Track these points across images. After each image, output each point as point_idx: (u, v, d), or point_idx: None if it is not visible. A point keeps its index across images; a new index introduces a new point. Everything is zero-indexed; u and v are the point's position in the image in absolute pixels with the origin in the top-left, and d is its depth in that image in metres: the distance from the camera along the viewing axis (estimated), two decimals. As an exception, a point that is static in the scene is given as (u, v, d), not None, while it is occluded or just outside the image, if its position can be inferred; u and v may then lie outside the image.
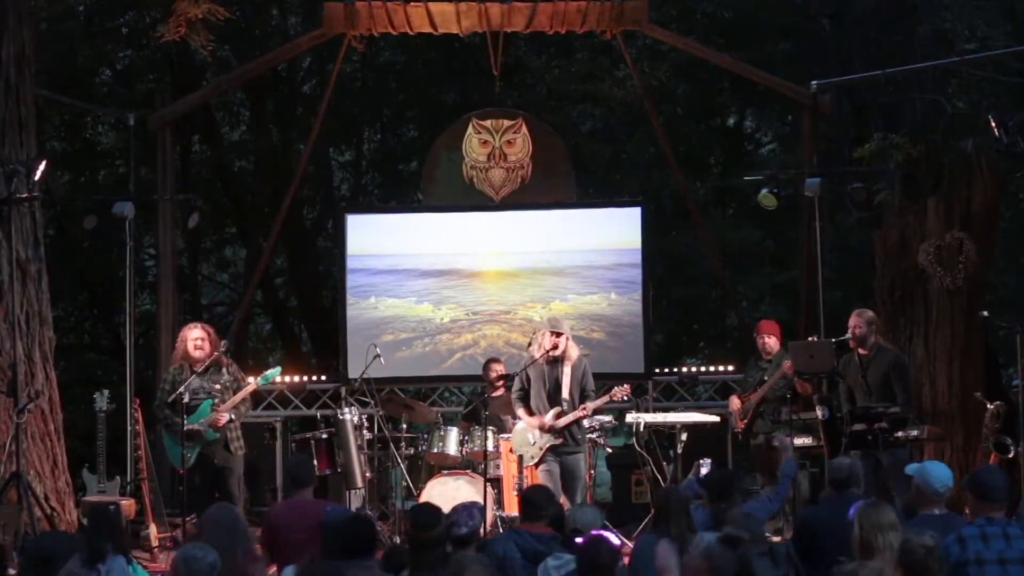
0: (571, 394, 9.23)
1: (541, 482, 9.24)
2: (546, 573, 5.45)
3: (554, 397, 9.25)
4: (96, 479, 9.74)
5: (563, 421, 9.17)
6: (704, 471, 8.01)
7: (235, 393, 9.43)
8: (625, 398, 9.57)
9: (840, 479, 6.64)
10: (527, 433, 9.32)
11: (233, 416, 9.38)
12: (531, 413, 9.30)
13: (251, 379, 9.75)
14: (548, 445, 9.20)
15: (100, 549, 5.87)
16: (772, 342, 10.39)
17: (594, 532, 5.37)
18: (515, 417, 9.62)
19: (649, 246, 12.33)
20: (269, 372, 9.86)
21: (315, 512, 6.62)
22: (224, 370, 9.50)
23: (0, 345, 9.51)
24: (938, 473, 6.24)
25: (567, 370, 9.24)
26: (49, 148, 14.82)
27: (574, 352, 9.34)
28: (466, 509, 6.04)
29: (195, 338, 9.48)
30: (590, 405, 9.25)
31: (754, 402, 10.17)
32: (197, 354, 9.44)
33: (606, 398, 9.39)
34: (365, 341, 11.55)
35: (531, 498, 6.54)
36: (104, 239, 14.30)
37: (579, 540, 5.26)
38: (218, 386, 9.40)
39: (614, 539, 5.48)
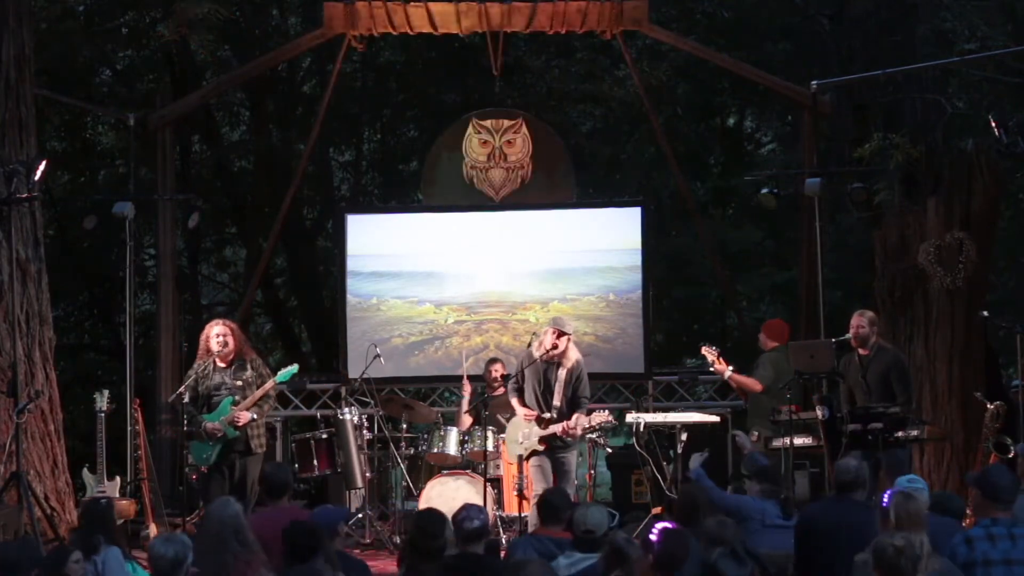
0: (561, 402, 9.01)
1: (531, 476, 9.17)
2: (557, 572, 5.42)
3: (545, 401, 9.08)
4: (96, 479, 9.73)
5: (549, 430, 8.97)
6: (697, 463, 7.97)
7: (257, 389, 9.34)
8: (599, 424, 9.32)
9: (846, 481, 6.62)
10: (518, 430, 9.17)
11: (255, 415, 9.25)
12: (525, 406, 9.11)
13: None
14: (537, 441, 9.03)
15: (92, 542, 5.87)
16: (761, 338, 10.63)
17: (666, 525, 5.38)
18: (513, 414, 9.56)
19: (649, 246, 12.32)
20: (286, 370, 9.66)
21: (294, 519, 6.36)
22: (248, 365, 9.36)
23: (0, 345, 9.51)
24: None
25: (561, 375, 9.03)
26: (49, 148, 14.80)
27: (572, 356, 9.10)
28: (473, 506, 6.01)
29: (217, 334, 9.32)
30: (575, 428, 8.94)
31: None
32: (220, 350, 9.30)
33: (589, 425, 9.07)
34: (368, 342, 11.53)
35: (550, 500, 6.46)
36: (104, 239, 14.31)
37: (654, 534, 5.24)
38: (239, 382, 9.26)
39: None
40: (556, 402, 9.02)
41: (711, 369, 10.59)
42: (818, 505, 7.28)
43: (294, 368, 9.84)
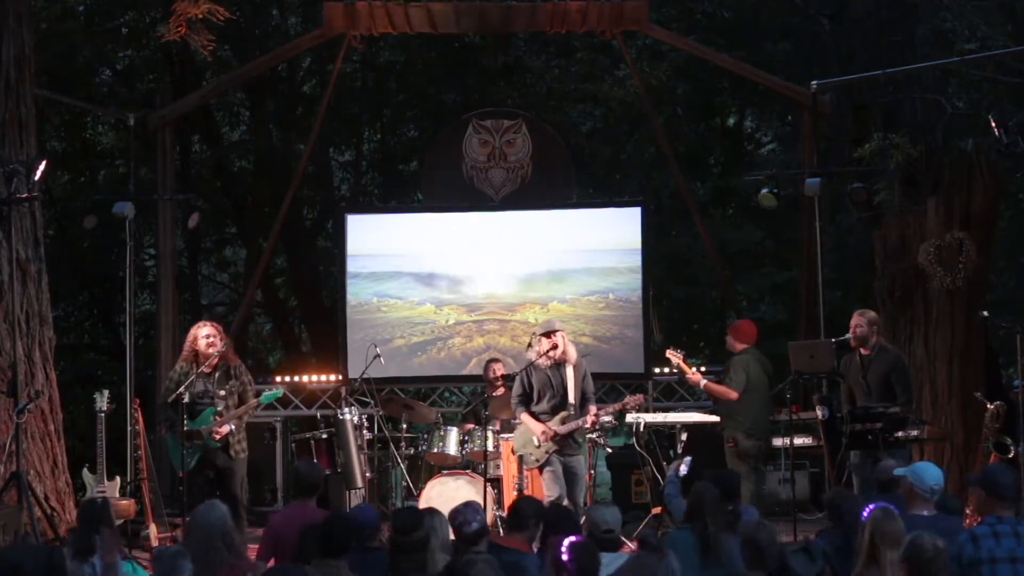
0: (575, 398, 9.08)
1: (545, 483, 9.12)
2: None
3: (562, 401, 9.10)
4: (96, 479, 9.72)
5: (568, 427, 8.98)
6: (683, 469, 7.95)
7: (240, 400, 9.21)
8: (634, 405, 9.46)
9: (885, 480, 6.65)
10: (532, 435, 9.13)
11: (233, 427, 9.16)
12: (534, 417, 9.07)
13: (258, 380, 9.55)
14: (552, 450, 9.03)
15: (89, 543, 5.84)
16: (729, 341, 10.35)
17: (572, 539, 5.29)
18: (513, 419, 9.54)
19: (649, 246, 12.33)
20: (271, 393, 9.60)
21: (319, 520, 6.33)
22: (232, 374, 9.25)
23: (0, 345, 9.50)
24: (929, 472, 6.26)
25: (569, 373, 9.09)
26: (49, 148, 14.81)
27: (573, 353, 9.15)
28: (469, 506, 5.91)
29: (206, 335, 9.20)
30: (599, 413, 9.05)
31: None
32: (209, 351, 9.18)
33: (619, 406, 9.29)
34: (370, 343, 11.50)
35: (519, 508, 6.38)
36: (104, 239, 14.31)
37: (567, 545, 5.18)
38: (223, 392, 9.15)
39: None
40: (572, 399, 9.07)
41: (678, 371, 10.42)
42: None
43: (279, 392, 9.83)
